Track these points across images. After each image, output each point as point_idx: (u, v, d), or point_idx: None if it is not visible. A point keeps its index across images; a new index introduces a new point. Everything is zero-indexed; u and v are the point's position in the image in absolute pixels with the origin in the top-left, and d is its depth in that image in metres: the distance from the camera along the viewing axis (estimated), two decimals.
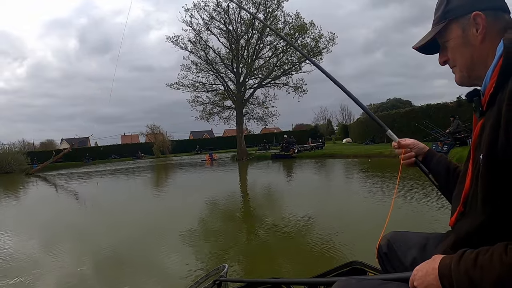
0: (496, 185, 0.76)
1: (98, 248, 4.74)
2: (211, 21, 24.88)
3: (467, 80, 0.91)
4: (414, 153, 1.27)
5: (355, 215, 5.96)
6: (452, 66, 0.94)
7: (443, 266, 0.78)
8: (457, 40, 0.89)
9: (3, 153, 32.47)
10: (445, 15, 0.91)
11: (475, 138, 0.85)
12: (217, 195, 9.33)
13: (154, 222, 6.50)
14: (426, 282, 0.80)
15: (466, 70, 0.90)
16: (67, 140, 52.31)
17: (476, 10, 0.84)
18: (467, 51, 0.87)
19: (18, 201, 12.10)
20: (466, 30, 0.87)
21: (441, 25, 0.91)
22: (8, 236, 6.06)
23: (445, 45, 0.93)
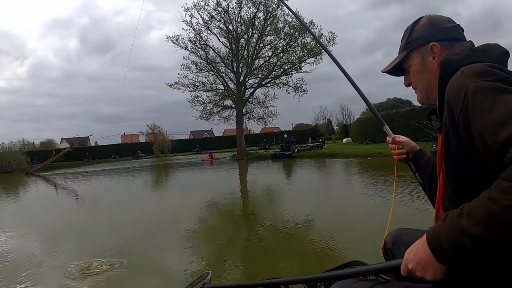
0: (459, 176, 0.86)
1: (99, 250, 4.74)
2: (211, 20, 24.90)
3: (426, 101, 1.05)
4: (406, 150, 1.37)
5: (355, 214, 5.97)
6: (414, 88, 1.06)
7: (431, 233, 0.78)
8: (417, 66, 1.02)
9: (3, 153, 32.46)
10: (407, 45, 1.04)
11: (439, 153, 0.94)
12: (217, 195, 9.33)
13: (154, 221, 6.49)
14: (418, 258, 0.79)
15: (425, 92, 1.03)
16: (67, 140, 52.29)
17: (433, 41, 0.98)
18: (425, 76, 1.00)
19: (18, 200, 12.10)
20: (424, 58, 1.00)
21: (404, 53, 1.04)
22: (8, 236, 6.07)
23: (408, 70, 1.06)
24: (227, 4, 24.35)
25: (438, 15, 1.04)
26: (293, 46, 24.78)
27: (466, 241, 0.69)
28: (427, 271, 0.78)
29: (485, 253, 0.69)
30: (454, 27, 1.00)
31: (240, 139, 26.42)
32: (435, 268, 0.76)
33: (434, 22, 1.01)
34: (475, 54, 0.88)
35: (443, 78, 0.88)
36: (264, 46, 25.68)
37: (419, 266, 0.79)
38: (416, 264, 0.79)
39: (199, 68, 26.17)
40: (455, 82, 0.82)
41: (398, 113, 23.07)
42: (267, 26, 24.53)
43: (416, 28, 1.03)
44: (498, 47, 0.91)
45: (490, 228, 0.66)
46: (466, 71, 0.82)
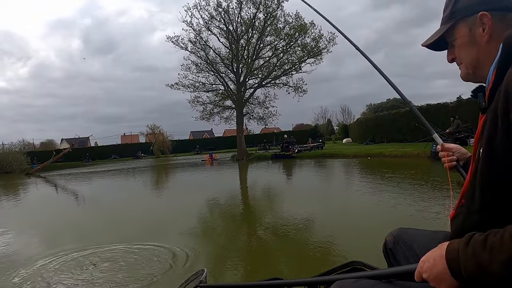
0: (494, 177, 0.77)
1: (98, 248, 4.75)
2: (211, 20, 24.90)
3: (472, 77, 0.95)
4: (456, 157, 1.29)
5: (355, 214, 5.97)
6: (459, 64, 0.96)
7: (451, 251, 0.76)
8: (464, 39, 0.91)
9: (4, 153, 32.48)
10: (452, 15, 0.93)
11: (478, 134, 0.86)
12: (217, 195, 9.33)
13: (155, 221, 6.49)
14: (435, 272, 0.78)
15: (472, 67, 0.92)
16: (67, 140, 52.31)
17: (482, 10, 0.86)
18: (473, 50, 0.90)
19: (18, 201, 12.11)
20: (472, 29, 0.89)
21: (449, 24, 0.94)
22: (8, 237, 6.08)
23: (453, 44, 0.96)
24: (227, 5, 24.40)
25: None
26: (293, 47, 24.81)
27: (484, 276, 0.68)
28: (442, 284, 0.78)
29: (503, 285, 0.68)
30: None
31: (240, 139, 26.42)
32: (450, 283, 0.76)
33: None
34: None
35: (506, 60, 0.78)
36: (264, 46, 25.70)
37: (435, 278, 0.78)
38: (431, 275, 0.79)
39: (199, 69, 26.20)
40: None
41: (398, 113, 23.05)
42: (267, 27, 24.54)
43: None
44: None
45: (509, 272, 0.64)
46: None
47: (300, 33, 23.95)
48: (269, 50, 25.73)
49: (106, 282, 3.53)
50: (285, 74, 25.85)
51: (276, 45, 25.26)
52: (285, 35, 24.49)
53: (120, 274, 3.75)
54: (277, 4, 24.01)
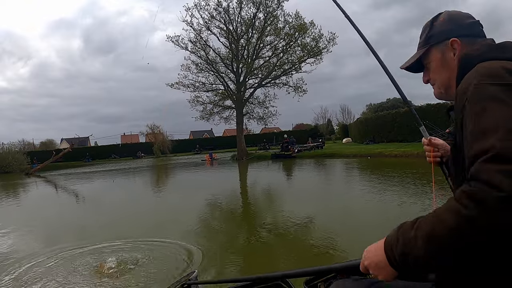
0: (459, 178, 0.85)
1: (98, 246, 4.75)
2: (211, 20, 24.90)
3: (444, 96, 1.05)
4: (441, 153, 1.33)
5: (355, 213, 5.97)
6: (433, 84, 1.06)
7: (388, 238, 0.81)
8: (437, 62, 1.01)
9: (3, 153, 32.47)
10: (427, 41, 1.03)
11: (451, 148, 0.96)
12: (217, 195, 9.33)
13: (155, 220, 6.49)
14: (375, 260, 0.83)
15: (444, 87, 1.02)
16: (67, 140, 52.28)
17: (453, 37, 0.96)
18: (446, 72, 0.99)
19: (18, 202, 12.10)
20: (444, 53, 0.99)
21: (424, 49, 1.03)
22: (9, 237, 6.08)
23: (428, 66, 1.05)
24: (227, 4, 24.39)
25: (458, 11, 1.03)
26: (293, 46, 24.80)
27: (411, 251, 0.73)
28: (380, 272, 0.83)
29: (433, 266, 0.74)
30: (474, 23, 0.99)
31: (240, 139, 26.42)
32: (388, 271, 0.81)
33: (454, 17, 1.00)
34: (495, 50, 0.88)
35: (461, 73, 0.88)
36: (264, 46, 25.69)
37: (374, 265, 0.84)
38: (371, 263, 0.84)
39: (199, 69, 26.18)
40: (466, 78, 0.83)
41: (398, 113, 23.06)
42: (267, 26, 24.54)
43: (435, 23, 1.02)
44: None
45: (431, 245, 0.69)
46: (479, 67, 0.82)
47: (300, 32, 23.94)
48: (269, 50, 25.75)
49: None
50: (285, 74, 25.85)
51: (276, 45, 25.27)
52: (285, 35, 24.48)
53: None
54: (277, 4, 24.02)
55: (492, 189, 0.63)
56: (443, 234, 0.68)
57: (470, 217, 0.64)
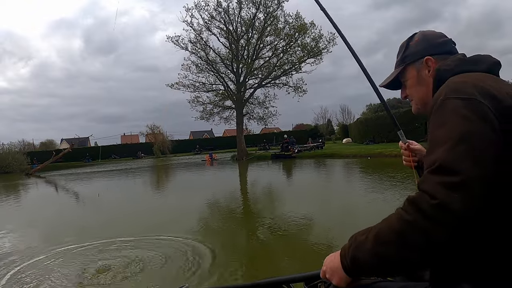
0: None
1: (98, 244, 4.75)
2: (211, 21, 24.91)
3: (422, 111, 1.09)
4: (418, 158, 1.39)
5: (356, 213, 5.97)
6: (411, 100, 1.11)
7: (343, 247, 0.87)
8: (413, 79, 1.07)
9: (3, 153, 32.45)
10: (403, 60, 1.08)
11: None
12: (217, 195, 9.34)
13: (156, 220, 6.50)
14: (331, 265, 0.90)
15: (421, 103, 1.07)
16: (67, 140, 52.26)
17: (427, 55, 1.01)
18: (422, 89, 1.04)
19: (18, 203, 12.11)
20: (420, 71, 1.04)
21: (400, 68, 1.09)
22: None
23: (405, 84, 1.10)
24: (227, 5, 24.41)
25: (432, 31, 1.09)
26: (293, 47, 24.81)
27: (361, 255, 0.80)
28: (334, 277, 0.89)
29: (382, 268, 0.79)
30: (447, 41, 1.05)
31: (240, 139, 26.43)
32: (340, 276, 0.87)
33: (428, 37, 1.06)
34: (466, 64, 0.93)
35: (435, 87, 0.93)
36: (264, 46, 25.70)
37: (330, 271, 0.90)
38: (328, 268, 0.91)
39: (200, 69, 26.20)
40: (437, 92, 0.87)
41: (398, 113, 23.08)
42: (267, 27, 24.55)
43: (411, 43, 1.08)
44: (489, 58, 0.96)
45: (378, 246, 0.76)
46: (449, 82, 0.87)
47: (300, 33, 23.95)
48: (269, 50, 25.77)
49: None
50: (285, 74, 25.86)
51: (276, 45, 25.29)
52: (285, 35, 24.49)
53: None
54: (277, 4, 24.03)
55: (428, 197, 0.70)
56: (388, 236, 0.75)
57: (410, 222, 0.71)
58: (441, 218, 0.68)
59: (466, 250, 0.76)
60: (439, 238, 0.69)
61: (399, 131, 1.39)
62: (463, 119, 0.75)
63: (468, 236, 0.71)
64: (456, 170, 0.70)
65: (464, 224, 0.68)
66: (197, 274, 3.65)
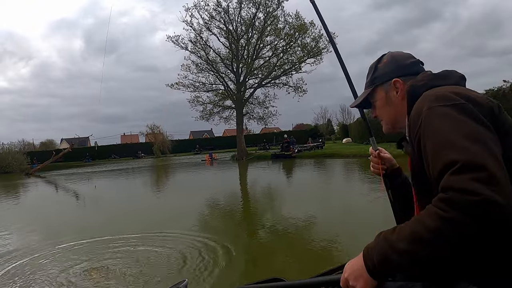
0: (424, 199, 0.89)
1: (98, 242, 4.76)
2: (211, 20, 24.91)
3: (392, 131, 1.14)
4: (386, 167, 1.43)
5: (356, 213, 5.98)
6: (380, 120, 1.15)
7: (366, 248, 0.84)
8: (382, 100, 1.10)
9: (3, 153, 32.45)
10: (372, 82, 1.11)
11: (411, 174, 1.02)
12: (217, 195, 9.34)
13: (156, 220, 6.50)
14: (353, 269, 0.86)
15: (391, 123, 1.11)
16: (67, 140, 52.24)
17: (395, 77, 1.04)
18: (391, 109, 1.08)
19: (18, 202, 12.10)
20: (388, 92, 1.07)
21: (370, 89, 1.12)
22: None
23: (374, 104, 1.13)
24: (227, 4, 24.40)
25: (400, 52, 1.12)
26: (293, 47, 24.81)
27: (392, 254, 0.76)
28: (359, 282, 0.84)
29: (412, 268, 0.76)
30: (415, 62, 1.08)
31: (240, 139, 26.43)
32: (366, 280, 0.83)
33: (396, 59, 1.09)
34: (437, 79, 0.96)
35: (410, 103, 0.94)
36: (264, 46, 25.70)
37: (353, 276, 0.86)
38: (350, 274, 0.87)
39: (200, 69, 26.19)
40: (416, 106, 0.88)
41: None
42: (267, 27, 24.55)
43: (379, 65, 1.11)
44: (455, 73, 0.99)
45: (413, 245, 0.73)
46: (427, 94, 0.88)
47: (300, 33, 23.95)
48: (269, 50, 25.76)
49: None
50: (285, 74, 25.86)
51: (276, 45, 25.28)
52: (285, 35, 24.48)
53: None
54: (277, 4, 24.03)
55: (468, 195, 0.68)
56: (424, 235, 0.72)
57: (449, 219, 0.69)
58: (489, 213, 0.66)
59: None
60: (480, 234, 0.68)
61: (371, 138, 1.42)
62: (459, 121, 0.77)
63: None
64: (483, 166, 0.69)
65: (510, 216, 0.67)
66: (196, 269, 3.65)
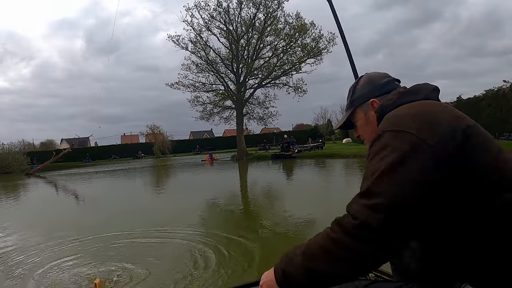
0: None
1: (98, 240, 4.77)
2: (212, 21, 24.93)
3: None
4: None
5: None
6: (363, 139, 1.18)
7: (277, 263, 0.94)
8: (362, 121, 1.15)
9: (3, 153, 32.45)
10: (351, 104, 1.17)
11: None
12: (217, 195, 9.35)
13: (156, 220, 6.50)
14: (267, 279, 0.96)
15: (371, 141, 1.12)
16: (67, 140, 52.26)
17: (372, 98, 1.09)
18: (370, 128, 1.11)
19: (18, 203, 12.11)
20: (367, 113, 1.12)
21: (350, 111, 1.17)
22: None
23: (356, 125, 1.19)
24: (227, 5, 24.42)
25: (376, 73, 1.17)
26: (293, 47, 24.82)
27: (291, 268, 0.87)
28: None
29: (308, 282, 0.84)
30: (390, 81, 1.13)
31: (240, 139, 26.44)
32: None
33: (372, 79, 1.14)
34: (406, 95, 1.00)
35: (379, 123, 0.99)
36: (264, 46, 25.71)
37: (265, 285, 0.96)
38: (264, 283, 0.97)
39: (200, 69, 26.20)
40: (379, 127, 0.94)
41: None
42: (267, 27, 24.57)
43: (357, 87, 1.17)
44: (427, 86, 1.03)
45: (305, 260, 0.85)
46: (388, 116, 0.94)
47: (300, 33, 23.96)
48: (269, 50, 25.78)
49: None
50: (285, 74, 25.87)
51: (276, 45, 25.29)
52: (285, 35, 24.50)
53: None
54: (277, 5, 24.06)
55: (351, 218, 0.80)
56: (315, 252, 0.84)
57: (334, 239, 0.81)
58: (362, 235, 0.78)
59: (457, 252, 0.81)
60: (364, 252, 0.78)
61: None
62: (392, 150, 0.83)
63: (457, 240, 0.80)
64: (379, 195, 0.78)
65: (387, 239, 0.77)
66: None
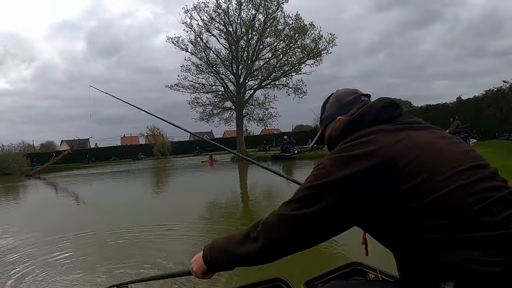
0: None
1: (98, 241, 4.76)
2: (211, 22, 24.96)
3: None
4: None
5: None
6: None
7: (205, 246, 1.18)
8: None
9: (3, 155, 32.45)
10: (321, 123, 1.28)
11: None
12: (218, 196, 9.34)
13: (156, 221, 6.50)
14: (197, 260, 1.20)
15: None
16: (67, 142, 52.30)
17: (339, 116, 1.18)
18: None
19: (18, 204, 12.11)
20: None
21: (321, 128, 1.27)
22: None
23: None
24: (227, 6, 24.46)
25: (344, 90, 1.25)
26: (293, 48, 24.85)
27: (214, 255, 1.13)
28: (194, 266, 1.20)
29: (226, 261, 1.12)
30: (356, 97, 1.20)
31: (240, 140, 26.45)
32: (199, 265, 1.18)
33: (339, 98, 1.22)
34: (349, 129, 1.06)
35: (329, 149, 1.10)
36: (264, 47, 25.75)
37: (193, 262, 1.21)
38: (194, 260, 1.21)
39: (199, 70, 26.23)
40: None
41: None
42: (267, 28, 24.59)
43: (326, 106, 1.26)
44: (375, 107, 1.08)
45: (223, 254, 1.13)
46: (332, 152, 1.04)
47: (300, 34, 23.99)
48: (269, 51, 25.82)
49: None
50: (285, 76, 25.89)
51: (275, 46, 25.32)
52: (284, 36, 24.52)
53: None
54: (276, 6, 24.09)
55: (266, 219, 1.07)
56: (233, 237, 1.13)
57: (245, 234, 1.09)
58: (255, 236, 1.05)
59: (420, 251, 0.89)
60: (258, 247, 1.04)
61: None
62: (308, 182, 1.00)
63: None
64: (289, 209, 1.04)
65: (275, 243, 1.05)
66: None
